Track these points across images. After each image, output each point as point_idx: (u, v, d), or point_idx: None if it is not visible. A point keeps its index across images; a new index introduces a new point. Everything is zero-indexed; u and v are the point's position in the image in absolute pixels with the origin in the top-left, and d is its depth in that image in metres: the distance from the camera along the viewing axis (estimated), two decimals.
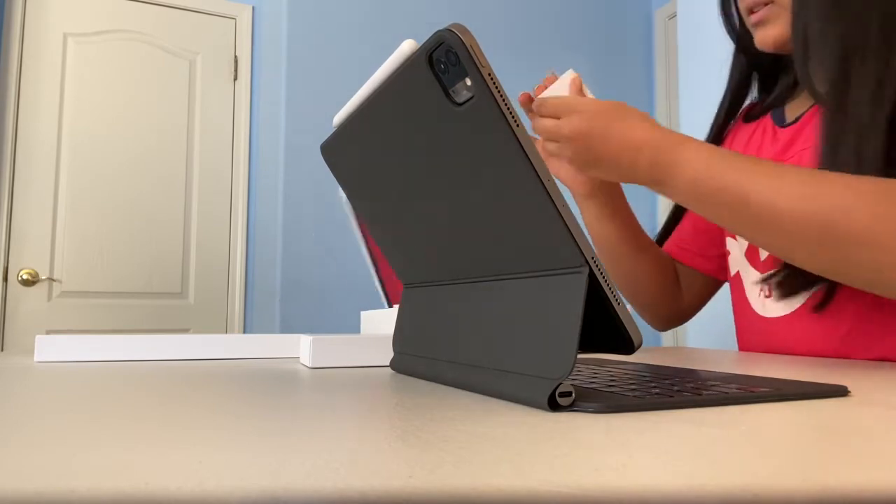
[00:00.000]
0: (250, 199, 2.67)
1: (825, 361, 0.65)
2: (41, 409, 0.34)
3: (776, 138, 0.80)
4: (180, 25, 2.63)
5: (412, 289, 0.56)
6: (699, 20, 2.14)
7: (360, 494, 0.18)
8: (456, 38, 0.33)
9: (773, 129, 0.81)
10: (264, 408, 0.34)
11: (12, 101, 2.37)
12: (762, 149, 0.81)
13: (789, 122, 0.79)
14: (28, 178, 2.38)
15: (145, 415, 0.32)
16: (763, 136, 0.82)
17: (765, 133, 0.82)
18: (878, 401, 0.36)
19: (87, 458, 0.23)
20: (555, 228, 0.34)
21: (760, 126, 0.84)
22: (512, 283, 0.40)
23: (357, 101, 0.46)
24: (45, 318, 2.37)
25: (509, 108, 0.33)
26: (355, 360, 0.60)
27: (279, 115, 2.59)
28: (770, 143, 0.80)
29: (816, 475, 0.20)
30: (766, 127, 0.83)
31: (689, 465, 0.21)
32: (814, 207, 0.54)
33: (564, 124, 0.64)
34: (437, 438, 0.26)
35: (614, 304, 0.35)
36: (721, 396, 0.35)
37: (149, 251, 2.52)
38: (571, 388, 0.33)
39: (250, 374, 0.52)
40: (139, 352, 0.68)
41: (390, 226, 0.52)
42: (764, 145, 0.81)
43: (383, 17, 2.68)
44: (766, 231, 0.57)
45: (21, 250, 2.36)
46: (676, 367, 0.51)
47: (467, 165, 0.38)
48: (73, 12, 2.48)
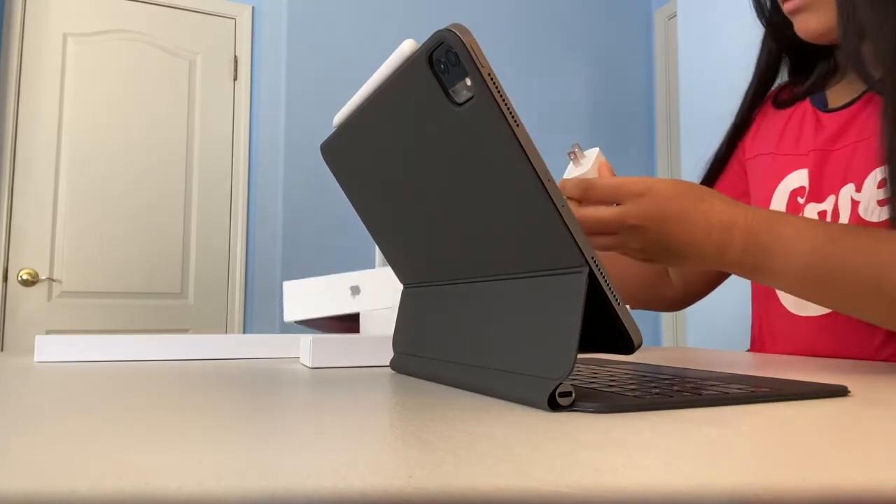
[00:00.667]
0: (250, 199, 2.67)
1: (825, 361, 0.64)
2: (41, 409, 0.34)
3: (821, 125, 0.76)
4: (180, 25, 2.63)
5: (412, 289, 0.56)
6: (699, 20, 2.14)
7: (360, 494, 0.18)
8: (456, 38, 0.33)
9: (814, 113, 0.78)
10: (264, 408, 0.34)
11: (12, 100, 2.37)
12: (802, 135, 0.78)
13: (834, 108, 0.76)
14: (28, 178, 2.38)
15: (145, 415, 0.32)
16: (803, 122, 0.79)
17: (804, 118, 0.79)
18: (878, 401, 0.36)
19: (87, 458, 0.23)
20: (555, 228, 0.34)
21: (798, 111, 0.81)
22: (512, 283, 0.40)
23: (357, 101, 0.46)
24: (45, 318, 2.37)
25: (509, 109, 0.33)
26: (355, 360, 0.60)
27: (279, 115, 2.59)
28: (813, 129, 0.77)
29: (816, 475, 0.20)
30: (805, 112, 0.79)
31: (689, 465, 0.21)
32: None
33: (631, 210, 0.55)
34: (437, 438, 0.26)
35: (614, 304, 0.35)
36: (721, 396, 0.35)
37: (149, 251, 2.52)
38: (571, 388, 0.33)
39: (250, 374, 0.52)
40: (139, 352, 0.68)
41: (390, 226, 0.52)
42: (804, 131, 0.78)
43: (383, 17, 2.68)
44: (887, 307, 0.56)
45: (21, 250, 2.36)
46: (676, 367, 0.51)
47: (467, 165, 0.38)
48: (73, 12, 2.48)
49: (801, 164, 0.77)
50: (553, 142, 2.92)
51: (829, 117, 0.76)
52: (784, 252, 0.55)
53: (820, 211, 0.73)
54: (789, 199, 0.77)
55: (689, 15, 2.18)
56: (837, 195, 0.72)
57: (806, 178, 0.76)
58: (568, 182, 0.59)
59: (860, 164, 0.70)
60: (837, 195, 0.72)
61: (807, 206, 0.75)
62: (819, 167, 0.74)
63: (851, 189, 0.70)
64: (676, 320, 2.94)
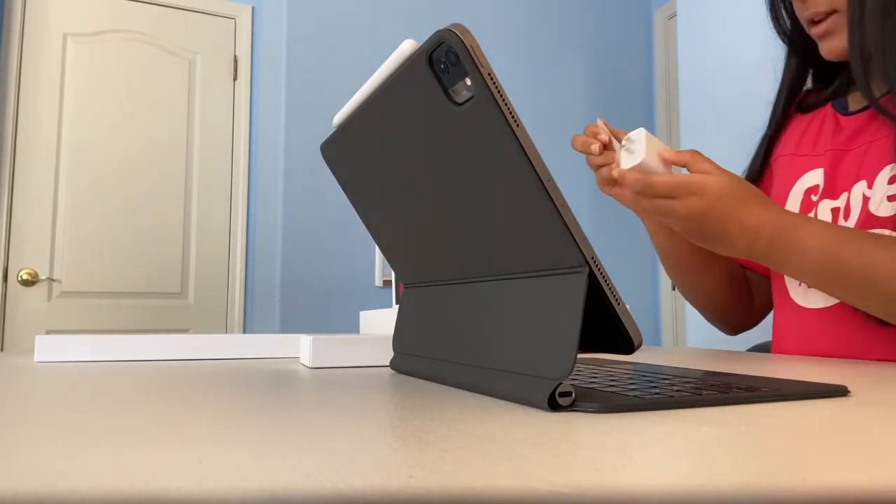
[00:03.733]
0: (250, 199, 2.67)
1: (825, 361, 0.65)
2: (41, 409, 0.34)
3: (839, 127, 0.80)
4: (180, 25, 2.63)
5: (412, 289, 0.56)
6: (699, 20, 2.14)
7: (360, 494, 0.18)
8: (456, 38, 0.33)
9: (834, 117, 0.81)
10: (264, 408, 0.34)
11: (12, 100, 2.37)
12: (821, 137, 0.82)
13: (854, 111, 0.79)
14: (28, 178, 2.38)
15: (145, 415, 0.32)
16: (822, 126, 0.82)
17: (824, 122, 0.82)
18: (878, 401, 0.36)
19: (87, 458, 0.23)
20: (555, 228, 0.34)
21: (819, 115, 0.84)
22: (512, 283, 0.40)
23: (357, 101, 0.46)
24: (45, 318, 2.37)
25: (509, 108, 0.33)
26: (355, 360, 0.60)
27: (279, 115, 2.59)
28: (832, 132, 0.80)
29: (816, 475, 0.20)
30: (826, 116, 0.83)
31: (689, 465, 0.21)
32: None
33: (680, 205, 0.63)
34: (437, 438, 0.26)
35: (614, 304, 0.35)
36: (721, 396, 0.35)
37: (149, 251, 2.52)
38: (571, 388, 0.33)
39: (250, 374, 0.52)
40: (139, 352, 0.68)
41: (390, 226, 0.52)
42: (823, 134, 0.81)
43: (383, 17, 2.68)
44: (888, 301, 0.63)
45: (21, 250, 2.36)
46: (676, 367, 0.51)
47: (467, 165, 0.38)
48: (73, 12, 2.48)
49: (818, 164, 0.80)
50: (553, 142, 2.92)
51: (848, 120, 0.79)
52: (799, 252, 0.65)
53: (833, 207, 0.76)
54: (804, 197, 0.80)
55: (689, 14, 2.18)
56: (850, 192, 0.75)
57: (821, 177, 0.79)
58: (629, 175, 0.65)
59: (872, 162, 0.73)
60: (850, 192, 0.75)
61: (821, 203, 0.78)
62: (834, 166, 0.77)
63: (864, 186, 0.73)
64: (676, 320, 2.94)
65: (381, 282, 2.57)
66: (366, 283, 2.57)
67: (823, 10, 0.74)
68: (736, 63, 1.96)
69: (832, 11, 0.74)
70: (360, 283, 2.55)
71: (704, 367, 0.55)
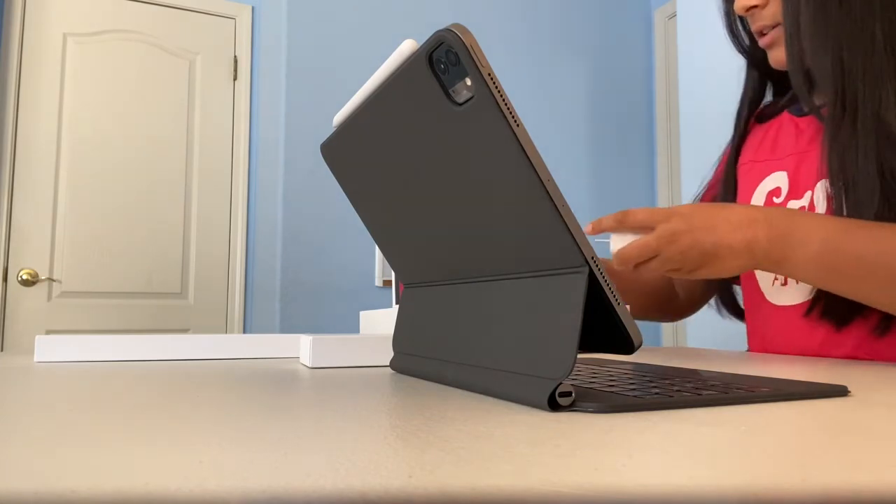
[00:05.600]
0: (250, 199, 2.67)
1: (825, 361, 0.65)
2: (41, 409, 0.34)
3: (799, 129, 0.81)
4: (180, 25, 2.63)
5: (412, 289, 0.56)
6: (699, 20, 2.14)
7: (360, 494, 0.18)
8: (456, 38, 0.33)
9: (792, 121, 0.83)
10: (264, 408, 0.34)
11: (12, 101, 2.37)
12: (779, 142, 0.83)
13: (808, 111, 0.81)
14: (28, 178, 2.38)
15: (145, 415, 0.32)
16: (780, 132, 0.84)
17: (781, 128, 0.84)
18: (878, 401, 0.36)
19: (87, 458, 0.23)
20: (555, 228, 0.34)
21: (775, 124, 0.86)
22: (512, 283, 0.40)
23: (357, 101, 0.46)
24: (45, 318, 2.37)
25: (509, 108, 0.33)
26: (355, 360, 0.60)
27: (279, 115, 2.59)
28: (794, 136, 0.82)
29: (816, 475, 0.20)
30: (783, 122, 0.85)
31: (689, 465, 0.21)
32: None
33: (664, 230, 0.62)
34: (437, 438, 0.26)
35: (614, 304, 0.35)
36: (721, 396, 0.35)
37: (149, 251, 2.51)
38: (571, 388, 0.33)
39: (250, 374, 0.52)
40: (139, 352, 0.68)
41: (390, 225, 0.52)
42: (783, 139, 0.83)
43: (383, 17, 2.68)
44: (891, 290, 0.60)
45: (21, 250, 2.36)
46: (676, 367, 0.51)
47: (467, 165, 0.38)
48: (72, 12, 2.48)
49: (780, 167, 0.82)
50: (553, 142, 2.92)
51: (805, 121, 0.81)
52: (802, 240, 0.61)
53: (799, 207, 0.78)
54: (766, 200, 0.82)
55: (688, 15, 2.18)
56: (813, 191, 0.76)
57: (784, 179, 0.81)
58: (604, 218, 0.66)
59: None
60: (813, 191, 0.76)
61: (787, 204, 0.79)
62: (797, 167, 0.79)
63: (826, 184, 0.74)
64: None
65: (381, 282, 2.57)
66: (366, 283, 2.57)
67: (769, 24, 0.77)
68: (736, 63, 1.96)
69: (776, 24, 0.77)
70: (360, 283, 2.55)
71: (704, 367, 0.55)
